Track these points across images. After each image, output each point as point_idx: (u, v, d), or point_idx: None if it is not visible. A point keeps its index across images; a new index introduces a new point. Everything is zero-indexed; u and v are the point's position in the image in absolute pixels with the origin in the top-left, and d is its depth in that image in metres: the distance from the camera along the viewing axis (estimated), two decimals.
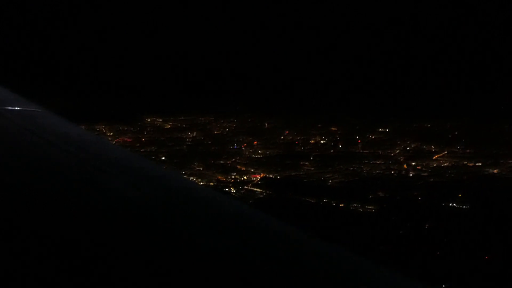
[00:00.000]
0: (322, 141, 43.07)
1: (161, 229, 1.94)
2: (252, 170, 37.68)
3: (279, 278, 1.67)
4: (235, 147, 41.57)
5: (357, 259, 1.82)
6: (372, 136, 43.60)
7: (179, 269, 1.70)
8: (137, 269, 1.69)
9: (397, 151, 41.35)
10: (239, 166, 38.23)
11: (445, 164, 39.54)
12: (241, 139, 42.60)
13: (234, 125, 45.40)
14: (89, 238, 1.83)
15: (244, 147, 41.52)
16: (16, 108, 3.22)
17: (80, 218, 1.97)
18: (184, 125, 45.30)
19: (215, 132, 44.32)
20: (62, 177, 2.37)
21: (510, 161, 39.04)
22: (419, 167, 38.77)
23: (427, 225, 30.01)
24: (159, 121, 45.63)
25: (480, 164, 39.04)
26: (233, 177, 36.73)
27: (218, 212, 2.16)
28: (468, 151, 41.21)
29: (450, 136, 44.10)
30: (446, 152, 41.22)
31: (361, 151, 41.47)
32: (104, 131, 41.40)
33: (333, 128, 44.79)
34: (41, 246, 1.77)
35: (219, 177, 36.50)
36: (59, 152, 2.65)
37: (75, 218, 1.97)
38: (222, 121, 45.80)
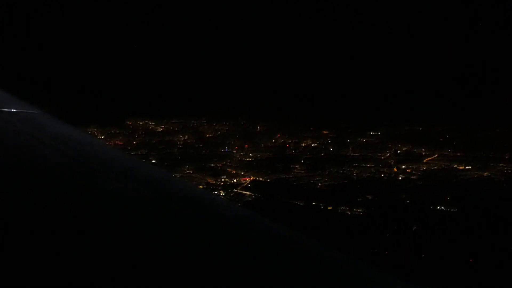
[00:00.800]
0: (313, 144, 43.00)
1: (159, 230, 1.97)
2: (242, 173, 37.60)
3: (277, 277, 1.72)
4: (226, 150, 41.46)
5: (348, 260, 1.87)
6: (363, 139, 43.53)
7: (179, 269, 1.74)
8: (136, 269, 1.72)
9: (388, 154, 41.32)
10: (229, 169, 38.12)
11: (435, 167, 39.56)
12: (232, 142, 42.46)
13: (227, 128, 45.22)
14: (87, 239, 1.86)
15: (235, 150, 41.42)
16: (13, 110, 3.23)
17: (78, 219, 1.99)
18: (176, 128, 45.07)
19: (207, 135, 44.15)
20: (60, 178, 2.39)
21: (500, 165, 39.09)
22: (409, 170, 38.77)
23: (414, 227, 30.04)
24: (151, 124, 45.39)
25: (470, 167, 39.11)
26: (223, 180, 36.63)
27: (217, 213, 2.20)
28: (458, 154, 41.22)
29: (441, 139, 44.04)
30: (436, 155, 41.23)
31: (351, 154, 41.41)
32: (96, 134, 41.16)
33: (324, 131, 44.67)
34: (40, 246, 1.80)
35: (209, 180, 36.40)
36: (56, 154, 2.67)
37: (73, 218, 2.00)
38: (214, 124, 45.60)
